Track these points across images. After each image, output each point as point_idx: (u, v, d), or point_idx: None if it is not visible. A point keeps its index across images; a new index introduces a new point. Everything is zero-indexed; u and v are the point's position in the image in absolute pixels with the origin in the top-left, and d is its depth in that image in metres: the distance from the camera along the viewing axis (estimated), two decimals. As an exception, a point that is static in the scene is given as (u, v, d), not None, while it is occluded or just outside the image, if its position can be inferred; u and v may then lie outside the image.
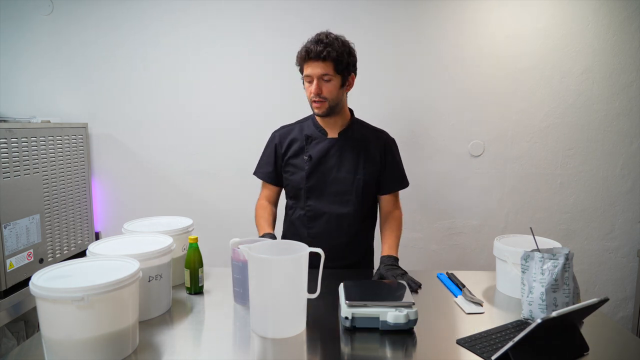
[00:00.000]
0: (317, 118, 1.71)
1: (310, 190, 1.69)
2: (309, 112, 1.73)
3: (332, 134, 1.71)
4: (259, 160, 1.81)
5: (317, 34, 1.60)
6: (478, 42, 2.40)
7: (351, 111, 1.76)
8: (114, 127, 2.50)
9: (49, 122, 2.15)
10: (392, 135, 1.81)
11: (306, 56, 1.56)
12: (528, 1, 2.36)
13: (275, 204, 1.82)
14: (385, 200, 1.77)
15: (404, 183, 1.80)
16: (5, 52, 2.44)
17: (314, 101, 1.59)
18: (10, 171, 1.83)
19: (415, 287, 1.46)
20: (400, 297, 1.21)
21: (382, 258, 1.61)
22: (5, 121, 1.95)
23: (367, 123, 1.79)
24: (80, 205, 2.33)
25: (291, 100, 2.37)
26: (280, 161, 1.75)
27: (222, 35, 2.42)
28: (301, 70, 1.63)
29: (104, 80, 2.47)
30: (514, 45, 2.39)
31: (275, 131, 1.80)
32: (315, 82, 1.56)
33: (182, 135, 2.50)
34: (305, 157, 1.68)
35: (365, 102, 2.44)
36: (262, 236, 1.57)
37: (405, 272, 1.52)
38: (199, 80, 2.46)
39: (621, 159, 2.47)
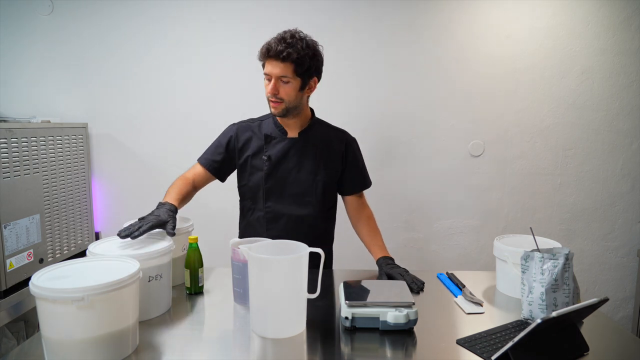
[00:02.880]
0: (277, 117, 1.64)
1: (270, 191, 1.63)
2: None
3: (292, 133, 1.65)
4: (208, 148, 1.72)
5: (283, 31, 1.52)
6: (478, 42, 2.40)
7: (312, 111, 1.71)
8: (114, 127, 2.50)
9: (49, 122, 2.15)
10: (392, 134, 1.81)
11: (266, 53, 1.49)
12: (528, 1, 2.36)
13: (198, 188, 1.68)
14: (350, 201, 1.75)
15: (366, 183, 1.77)
16: (5, 52, 2.44)
17: (271, 100, 1.54)
18: (10, 171, 1.83)
19: (417, 288, 1.45)
20: (400, 297, 1.21)
21: (380, 260, 1.61)
22: (5, 121, 1.95)
23: (327, 123, 1.75)
24: (80, 205, 2.33)
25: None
26: (231, 155, 1.67)
27: (222, 35, 2.42)
28: (263, 66, 1.56)
29: (104, 80, 2.47)
30: (514, 45, 2.39)
31: (234, 124, 1.72)
32: (273, 81, 1.50)
33: (182, 135, 2.50)
34: (265, 157, 1.62)
35: (365, 102, 2.45)
36: (162, 204, 1.45)
37: (407, 270, 1.53)
38: (199, 81, 2.46)
39: (621, 159, 2.47)
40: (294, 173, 1.63)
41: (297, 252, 1.17)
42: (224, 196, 2.56)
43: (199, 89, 2.47)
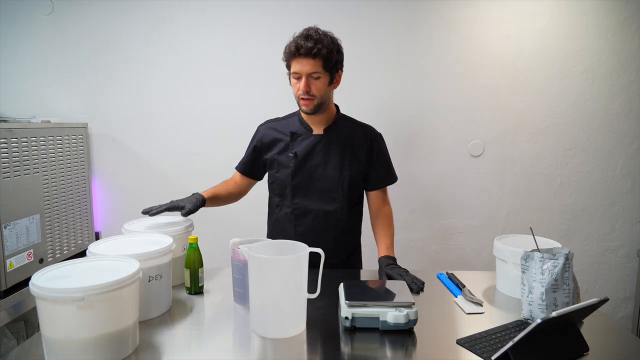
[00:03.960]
0: (303, 115, 1.68)
1: (296, 187, 1.66)
2: None
3: (318, 130, 1.67)
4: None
5: (306, 28, 1.55)
6: (478, 42, 2.40)
7: (337, 107, 1.74)
8: (114, 127, 2.50)
9: (49, 122, 2.15)
10: (393, 135, 1.81)
11: (296, 52, 1.51)
12: (528, 1, 2.36)
13: (243, 193, 1.84)
14: (373, 196, 1.75)
15: (391, 178, 1.78)
16: (5, 52, 2.44)
17: (303, 98, 1.56)
18: (10, 171, 1.83)
19: (417, 288, 1.45)
20: (400, 297, 1.21)
21: (381, 259, 1.61)
22: (5, 121, 1.95)
23: (353, 118, 1.76)
24: (80, 205, 2.33)
25: (291, 100, 2.36)
26: (258, 155, 1.75)
27: (222, 35, 2.42)
28: (288, 66, 1.59)
29: (104, 80, 2.47)
30: (514, 45, 2.39)
31: (261, 125, 1.79)
32: (304, 79, 1.53)
33: (182, 135, 2.50)
34: (291, 154, 1.65)
35: (365, 102, 2.45)
36: (193, 194, 1.64)
37: (407, 271, 1.53)
38: (199, 81, 2.46)
39: (621, 159, 2.47)
40: (320, 169, 1.65)
41: (297, 252, 1.17)
42: (224, 196, 2.56)
43: (200, 89, 2.47)
